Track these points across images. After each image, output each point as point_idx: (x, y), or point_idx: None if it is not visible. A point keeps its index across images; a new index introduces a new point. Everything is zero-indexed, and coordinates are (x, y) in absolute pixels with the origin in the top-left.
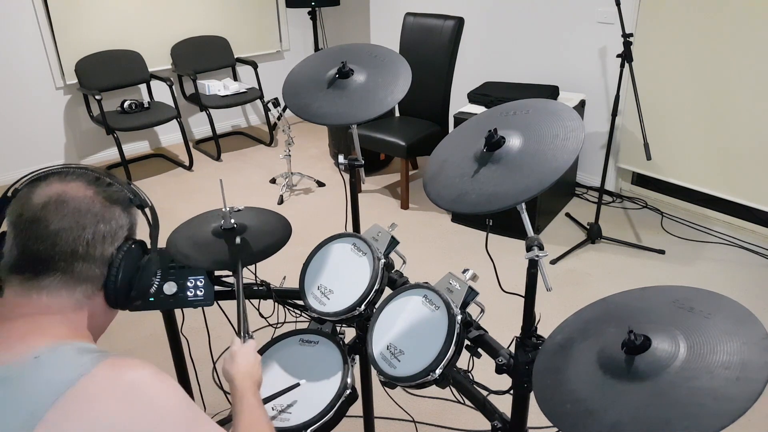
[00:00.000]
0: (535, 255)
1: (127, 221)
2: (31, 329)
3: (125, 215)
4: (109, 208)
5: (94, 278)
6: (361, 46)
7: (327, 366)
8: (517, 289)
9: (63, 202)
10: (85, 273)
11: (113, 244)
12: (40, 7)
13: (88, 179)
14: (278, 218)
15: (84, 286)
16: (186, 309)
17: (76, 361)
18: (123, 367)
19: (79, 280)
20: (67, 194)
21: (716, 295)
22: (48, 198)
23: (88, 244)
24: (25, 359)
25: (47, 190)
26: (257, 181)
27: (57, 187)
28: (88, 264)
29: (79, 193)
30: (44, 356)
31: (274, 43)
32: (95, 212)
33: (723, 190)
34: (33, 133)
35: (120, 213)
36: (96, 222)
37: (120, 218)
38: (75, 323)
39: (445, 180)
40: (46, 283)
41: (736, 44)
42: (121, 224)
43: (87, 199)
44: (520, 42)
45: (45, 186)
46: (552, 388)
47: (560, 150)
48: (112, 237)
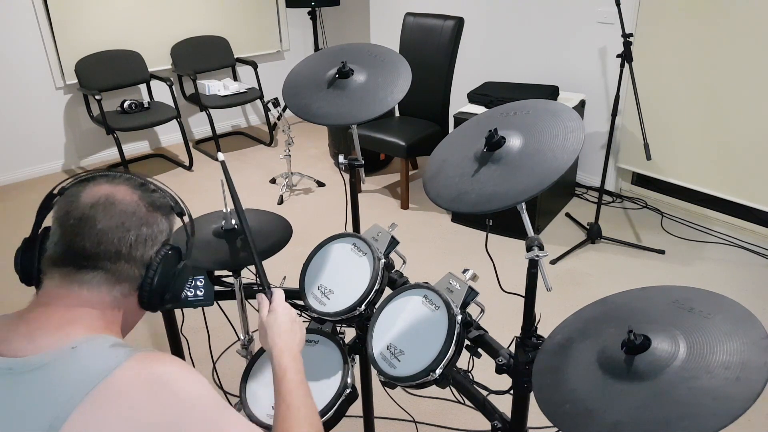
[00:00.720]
0: (535, 255)
1: (167, 227)
2: (69, 319)
3: (165, 221)
4: (152, 213)
5: (132, 278)
6: (361, 46)
7: (327, 365)
8: (517, 289)
9: (111, 204)
10: (126, 273)
11: (153, 247)
12: (40, 7)
13: (134, 184)
14: (278, 219)
15: (122, 285)
16: (186, 309)
17: (110, 353)
18: (152, 360)
19: (119, 279)
20: (115, 196)
21: (716, 295)
22: (97, 198)
23: (131, 245)
24: (63, 348)
25: (96, 190)
26: (257, 181)
27: (106, 189)
28: (129, 264)
29: (126, 196)
30: (81, 347)
31: (274, 43)
32: (140, 216)
33: (723, 190)
34: (33, 133)
35: (161, 219)
36: (140, 225)
37: (161, 223)
38: (110, 318)
39: (445, 179)
40: (88, 278)
41: (736, 44)
42: (162, 229)
43: (133, 203)
44: (520, 42)
45: (94, 186)
46: (552, 388)
47: (560, 150)
48: (153, 241)
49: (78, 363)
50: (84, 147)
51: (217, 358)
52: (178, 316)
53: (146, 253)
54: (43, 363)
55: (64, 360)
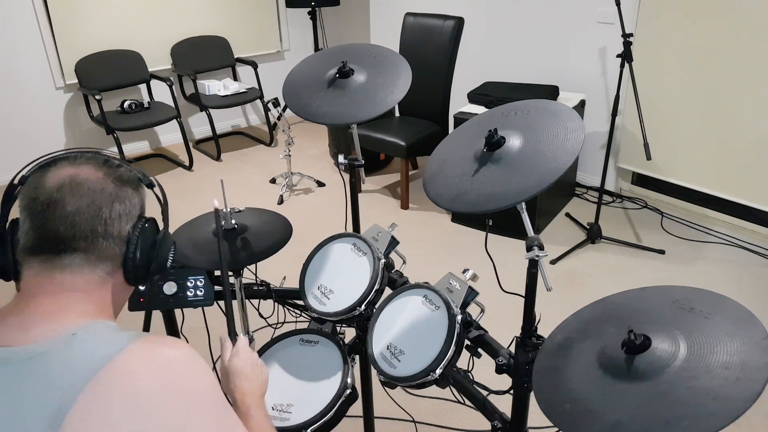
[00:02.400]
0: (535, 255)
1: (139, 200)
2: (60, 306)
3: (136, 195)
4: (121, 188)
5: (113, 256)
6: (361, 46)
7: (327, 366)
8: (517, 289)
9: (78, 184)
10: (105, 250)
11: (129, 222)
12: (40, 7)
13: (97, 162)
14: (279, 218)
15: (105, 264)
16: (186, 309)
17: (113, 337)
18: (160, 344)
19: (100, 257)
20: (80, 176)
21: (716, 296)
22: (62, 181)
23: (106, 222)
24: (62, 335)
25: (59, 173)
26: (257, 181)
27: (69, 170)
28: (107, 242)
29: (91, 175)
30: (81, 333)
31: (274, 43)
32: (109, 192)
33: (723, 190)
34: (33, 133)
35: (131, 192)
36: (111, 201)
37: (132, 198)
38: (99, 300)
39: (445, 179)
40: (68, 262)
41: (736, 44)
42: (134, 203)
43: (100, 180)
44: (520, 42)
45: (56, 170)
46: (552, 388)
47: (560, 150)
48: (127, 215)
49: (80, 348)
50: (84, 147)
51: (217, 358)
52: (178, 316)
53: (123, 228)
54: (42, 351)
55: (65, 346)
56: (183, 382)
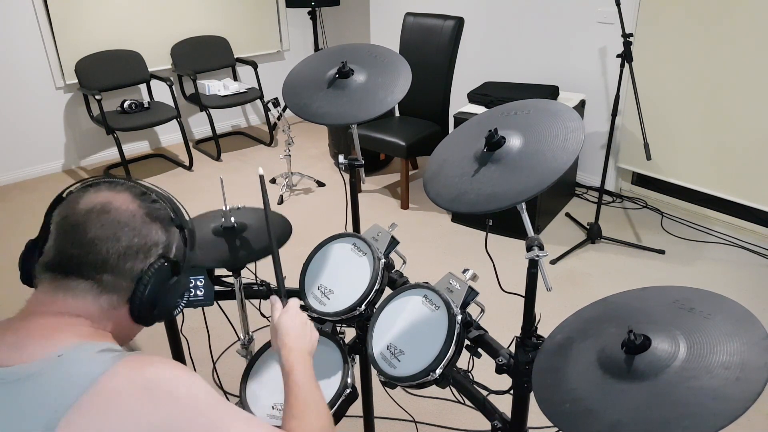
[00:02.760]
0: (535, 255)
1: (164, 239)
2: (56, 327)
3: (163, 233)
4: (148, 224)
5: (120, 290)
6: (361, 46)
7: (327, 365)
8: (517, 289)
9: (105, 212)
10: (112, 284)
11: (145, 260)
12: (40, 7)
13: (135, 193)
14: (279, 218)
15: (109, 296)
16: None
17: (96, 358)
18: (144, 363)
19: (104, 289)
20: (112, 205)
21: (716, 296)
22: (93, 205)
23: (119, 257)
24: (49, 357)
25: (94, 197)
26: (257, 180)
27: (104, 196)
28: (115, 276)
29: (123, 205)
30: (67, 354)
31: (274, 43)
32: (133, 226)
33: (723, 190)
34: (33, 133)
35: (158, 230)
36: (132, 236)
37: (157, 235)
38: (99, 326)
39: (445, 179)
40: (73, 286)
41: (736, 44)
42: (157, 241)
43: (129, 212)
44: (520, 42)
45: (93, 192)
46: (552, 388)
47: (560, 150)
48: (145, 253)
49: (64, 370)
50: (84, 147)
51: (217, 358)
52: (178, 316)
53: (136, 265)
54: (30, 372)
55: (50, 368)
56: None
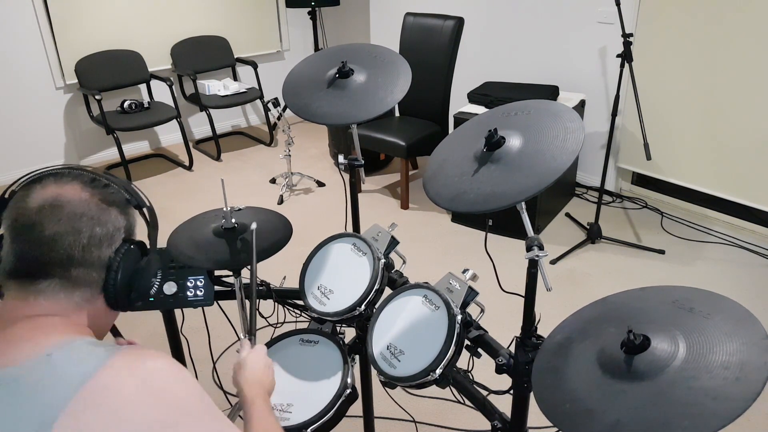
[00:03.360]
0: (535, 255)
1: (125, 222)
2: (36, 329)
3: (122, 216)
4: (105, 210)
5: (92, 282)
6: (361, 46)
7: (327, 366)
8: (517, 289)
9: (58, 206)
10: (83, 277)
11: (110, 246)
12: (40, 7)
13: (83, 181)
14: (279, 218)
15: (82, 290)
16: (186, 309)
17: (91, 353)
18: (141, 356)
19: (76, 284)
20: (63, 197)
21: (716, 296)
22: (43, 201)
23: (84, 248)
24: (37, 357)
25: (42, 193)
26: (257, 181)
27: (52, 190)
28: (84, 268)
29: (75, 196)
30: (56, 353)
31: (274, 43)
32: (91, 215)
33: (723, 190)
34: (33, 133)
35: (117, 215)
36: (92, 226)
37: (117, 220)
38: (77, 322)
39: (444, 179)
40: (44, 287)
41: (736, 44)
42: (118, 226)
43: (83, 202)
44: (520, 42)
45: (40, 189)
46: (552, 388)
47: (559, 150)
48: (109, 240)
49: (55, 369)
50: (84, 147)
51: (217, 358)
52: (178, 316)
53: (103, 253)
54: (18, 374)
55: (39, 369)
56: (167, 393)
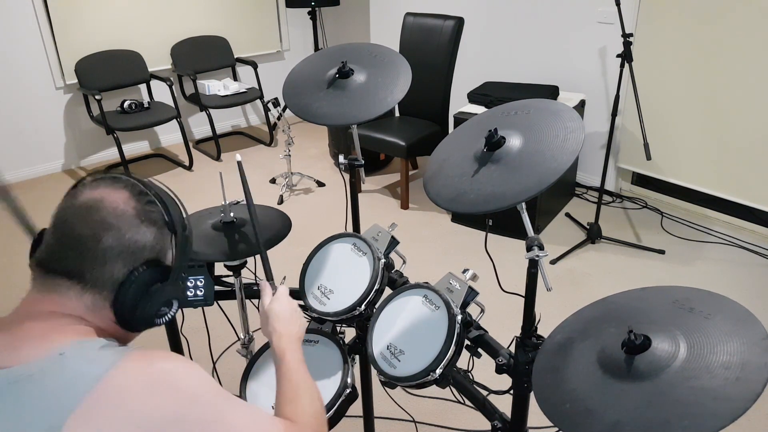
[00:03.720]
0: (535, 255)
1: (154, 243)
2: (52, 326)
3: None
4: (136, 226)
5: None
6: (361, 46)
7: (327, 365)
8: (517, 289)
9: (95, 210)
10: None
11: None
12: (40, 7)
13: (132, 191)
14: (277, 213)
15: (91, 296)
16: (186, 309)
17: (101, 355)
18: (151, 357)
19: (85, 288)
20: (104, 202)
21: (716, 296)
22: (87, 200)
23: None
24: (50, 356)
25: (92, 192)
26: (257, 181)
27: (101, 192)
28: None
29: (115, 204)
30: (69, 352)
31: (274, 43)
32: (119, 227)
33: (723, 190)
34: (33, 133)
35: (147, 233)
36: (116, 237)
37: (144, 238)
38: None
39: (444, 179)
40: (57, 283)
41: (736, 44)
42: (144, 245)
43: (117, 211)
44: (520, 42)
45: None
46: (552, 388)
47: (559, 151)
48: (131, 256)
49: (68, 369)
50: (84, 147)
51: (217, 358)
52: (178, 316)
53: (116, 269)
54: (30, 372)
55: (52, 367)
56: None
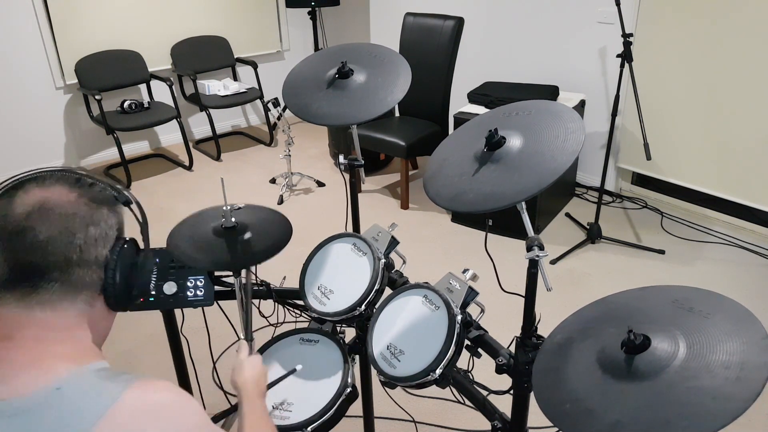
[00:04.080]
0: (535, 255)
1: (116, 220)
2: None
3: (112, 215)
4: (95, 210)
5: (92, 283)
6: (361, 46)
7: (327, 365)
8: (517, 289)
9: (48, 210)
10: (83, 279)
11: (106, 246)
12: (40, 7)
13: (68, 182)
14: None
15: (84, 293)
16: (186, 309)
17: (102, 388)
18: (149, 390)
19: (78, 287)
20: (50, 200)
21: (716, 295)
22: (31, 207)
23: (81, 249)
24: (46, 390)
25: (27, 198)
26: (257, 181)
27: (37, 194)
28: (84, 269)
29: (62, 197)
30: (66, 386)
31: (274, 43)
32: (82, 215)
33: (723, 190)
34: (33, 133)
35: (107, 213)
36: (85, 226)
37: (108, 219)
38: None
39: (444, 179)
40: (47, 297)
41: (737, 44)
42: (110, 224)
43: (71, 203)
44: (520, 42)
45: (24, 194)
46: (552, 388)
47: (559, 151)
48: (104, 239)
49: (67, 404)
50: (84, 147)
51: (217, 358)
52: (178, 316)
53: (100, 253)
54: (27, 408)
55: (51, 404)
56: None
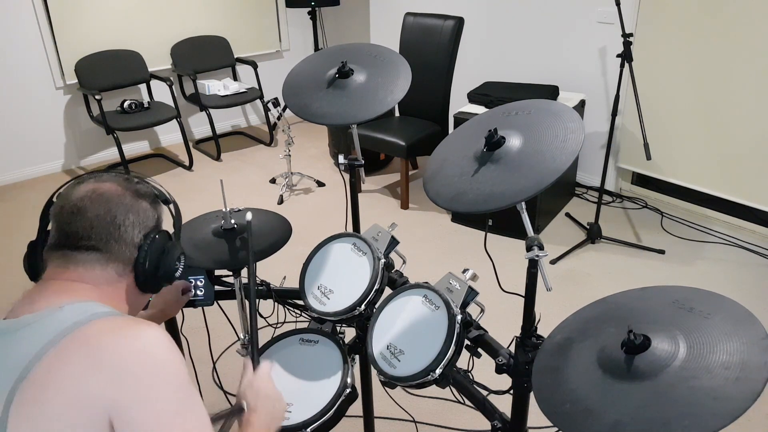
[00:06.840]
0: (535, 255)
1: (154, 214)
2: (65, 288)
3: (151, 209)
4: (137, 201)
5: (125, 258)
6: (361, 46)
7: (327, 365)
8: (517, 289)
9: (98, 195)
10: (117, 252)
11: (142, 231)
12: (40, 7)
13: (119, 179)
14: (278, 218)
15: (115, 264)
16: (186, 309)
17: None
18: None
19: (111, 258)
20: (101, 189)
21: (716, 295)
22: (85, 193)
23: (120, 228)
24: (51, 308)
25: (84, 187)
26: (257, 181)
27: (92, 185)
28: (119, 245)
29: (111, 189)
30: (68, 306)
31: (274, 43)
32: (125, 203)
33: (723, 190)
34: (33, 133)
35: (147, 206)
36: (126, 211)
37: (147, 211)
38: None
39: (444, 179)
40: (83, 258)
41: (736, 44)
42: (149, 216)
43: (118, 194)
44: (520, 42)
45: (83, 185)
46: (552, 388)
47: (559, 151)
48: (141, 225)
49: (60, 318)
50: (84, 147)
51: (217, 358)
52: (178, 316)
53: (136, 236)
54: (31, 321)
55: (49, 317)
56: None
